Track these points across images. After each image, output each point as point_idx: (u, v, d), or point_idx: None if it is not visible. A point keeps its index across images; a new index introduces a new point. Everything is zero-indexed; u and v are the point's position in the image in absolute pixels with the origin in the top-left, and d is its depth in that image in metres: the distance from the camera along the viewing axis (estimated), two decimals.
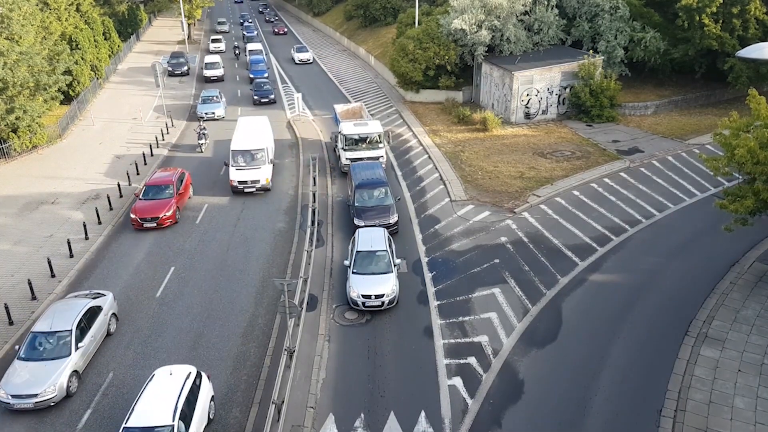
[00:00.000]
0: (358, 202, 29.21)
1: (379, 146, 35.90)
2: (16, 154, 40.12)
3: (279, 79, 62.05)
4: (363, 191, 29.53)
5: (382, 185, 30.05)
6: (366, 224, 27.52)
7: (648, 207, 30.70)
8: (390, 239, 26.06)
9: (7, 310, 23.07)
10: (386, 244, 24.96)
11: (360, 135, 35.82)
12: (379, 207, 28.79)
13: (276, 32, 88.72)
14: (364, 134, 35.87)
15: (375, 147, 35.79)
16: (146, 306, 24.14)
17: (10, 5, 38.50)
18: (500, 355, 20.73)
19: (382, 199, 29.31)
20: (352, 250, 25.20)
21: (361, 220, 28.22)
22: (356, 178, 30.54)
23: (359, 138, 35.77)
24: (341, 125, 37.06)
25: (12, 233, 30.17)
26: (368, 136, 35.88)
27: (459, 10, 46.49)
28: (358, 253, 24.51)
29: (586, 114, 43.53)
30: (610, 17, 45.90)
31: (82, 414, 18.75)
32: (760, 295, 23.17)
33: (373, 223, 27.72)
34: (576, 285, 24.52)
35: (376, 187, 29.78)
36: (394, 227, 28.37)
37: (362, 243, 25.05)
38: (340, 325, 22.73)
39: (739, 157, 22.87)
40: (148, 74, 57.01)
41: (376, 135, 35.99)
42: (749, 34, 42.48)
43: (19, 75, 37.46)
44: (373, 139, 35.88)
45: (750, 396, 18.40)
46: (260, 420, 17.92)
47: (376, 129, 36.31)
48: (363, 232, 25.92)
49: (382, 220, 28.05)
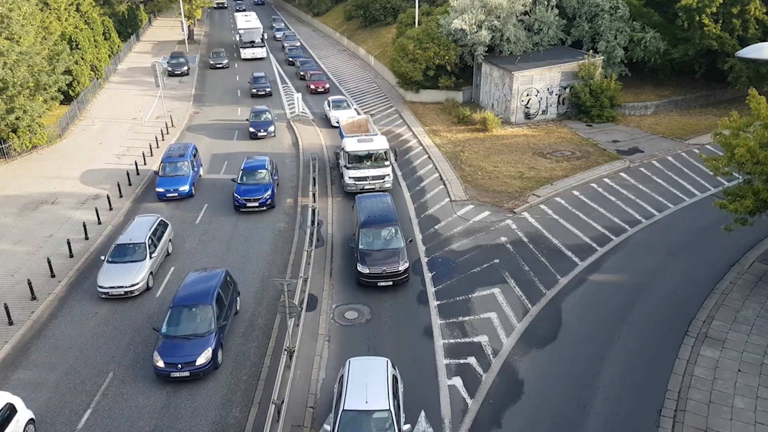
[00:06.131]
0: (363, 243, 25.44)
1: (385, 164, 33.35)
2: (16, 154, 40.12)
3: (279, 79, 62.02)
4: (369, 231, 25.86)
5: (392, 224, 26.37)
6: (371, 271, 24.34)
7: (648, 207, 30.70)
8: (396, 377, 17.83)
9: (6, 310, 23.07)
10: (388, 392, 16.58)
11: (364, 152, 33.35)
12: (387, 251, 25.07)
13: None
14: (368, 151, 33.36)
15: (380, 165, 33.26)
16: (146, 306, 24.16)
17: (10, 5, 38.48)
18: (500, 355, 20.73)
19: (390, 240, 25.58)
20: (339, 400, 16.74)
21: (365, 265, 24.60)
22: (362, 214, 27.02)
23: (363, 155, 33.37)
24: (344, 141, 34.61)
25: (12, 233, 30.18)
26: (373, 153, 33.45)
27: (459, 10, 46.49)
28: (344, 414, 16.12)
29: (586, 114, 43.52)
30: (610, 17, 45.90)
31: (82, 414, 18.77)
32: (760, 295, 23.17)
33: (380, 270, 24.29)
34: (576, 285, 24.52)
35: (385, 226, 26.10)
36: (403, 276, 24.69)
37: (353, 391, 16.60)
38: (340, 325, 22.73)
39: (738, 156, 22.87)
40: (148, 74, 57.01)
41: (381, 152, 33.53)
42: (749, 34, 42.47)
43: (19, 75, 37.47)
44: (378, 156, 33.45)
45: (750, 396, 18.41)
46: (260, 420, 17.92)
47: (381, 145, 33.77)
48: (355, 367, 17.64)
49: (390, 267, 24.47)
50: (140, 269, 24.83)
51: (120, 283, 24.29)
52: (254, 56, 69.33)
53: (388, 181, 33.42)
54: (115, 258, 25.26)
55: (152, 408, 18.97)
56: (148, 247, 25.65)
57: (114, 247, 25.80)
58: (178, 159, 34.81)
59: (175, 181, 33.61)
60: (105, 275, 24.66)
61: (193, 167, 35.12)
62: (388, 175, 33.40)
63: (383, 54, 62.11)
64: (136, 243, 25.67)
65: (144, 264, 25.09)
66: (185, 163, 34.56)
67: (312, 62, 65.12)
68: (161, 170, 34.37)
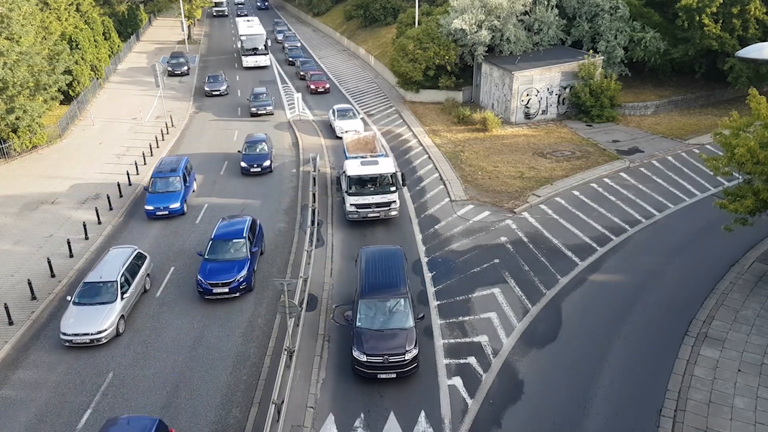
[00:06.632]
0: (362, 320, 20.17)
1: (391, 190, 29.36)
2: (16, 154, 40.13)
3: (279, 79, 62.01)
4: (371, 302, 20.59)
5: (400, 294, 20.81)
6: (368, 359, 19.09)
7: (648, 207, 30.70)
8: None
9: (7, 310, 23.08)
10: None
11: (368, 176, 29.65)
12: (391, 332, 19.71)
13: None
14: (372, 175, 29.63)
15: (386, 190, 29.33)
16: (146, 306, 24.16)
17: (10, 5, 38.49)
18: (500, 355, 20.73)
19: (397, 316, 20.23)
20: None
21: (362, 352, 19.19)
22: (365, 277, 21.67)
23: (367, 179, 29.64)
24: (346, 164, 30.96)
25: (12, 233, 30.18)
26: (377, 177, 29.69)
27: (459, 10, 46.50)
28: None
29: (586, 114, 43.52)
30: (610, 17, 45.91)
31: (82, 414, 18.78)
32: (760, 295, 23.17)
33: (381, 357, 19.00)
34: (576, 285, 24.53)
35: (390, 297, 20.72)
36: (410, 366, 19.37)
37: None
38: (340, 325, 22.72)
39: (739, 156, 22.88)
40: (148, 74, 56.97)
41: (387, 176, 29.67)
42: (749, 34, 42.48)
43: (19, 75, 37.49)
44: (383, 181, 29.62)
45: (750, 396, 18.41)
46: (260, 420, 17.93)
47: (387, 169, 29.94)
48: None
49: (394, 352, 19.07)
50: (109, 313, 22.01)
51: (85, 330, 21.44)
52: (257, 65, 65.58)
53: (395, 209, 29.78)
54: (83, 299, 22.45)
55: (152, 407, 18.97)
56: (121, 286, 22.93)
57: (81, 286, 23.00)
58: (169, 174, 32.31)
59: (166, 198, 31.21)
60: (69, 320, 21.79)
61: (186, 182, 32.70)
62: (395, 202, 29.63)
63: (383, 54, 62.11)
64: (106, 281, 22.91)
65: (113, 307, 22.23)
66: (177, 178, 32.12)
67: (312, 62, 65.08)
68: (151, 186, 31.94)
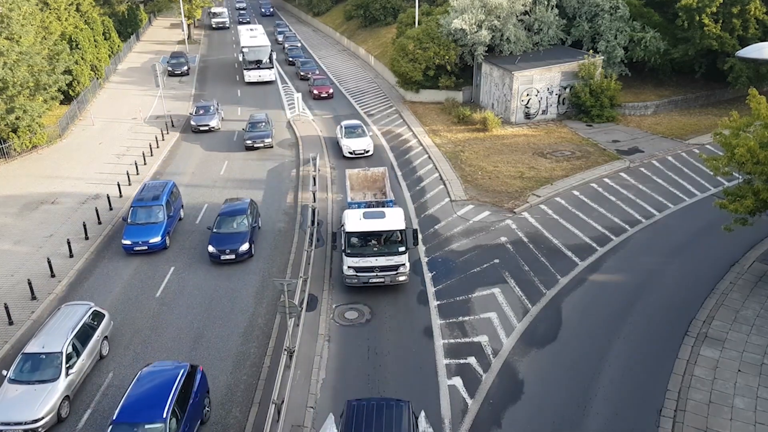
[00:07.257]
0: None
1: (400, 250, 23.53)
2: (16, 154, 40.13)
3: (279, 79, 61.99)
4: None
5: None
6: None
7: (648, 207, 30.69)
8: None
9: (7, 310, 23.09)
10: None
11: (371, 232, 23.84)
12: None
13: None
14: (376, 231, 23.81)
15: (393, 251, 23.54)
16: (146, 306, 24.16)
17: (10, 5, 38.51)
18: (500, 355, 20.73)
19: None
20: None
21: None
22: None
23: (369, 236, 23.88)
24: (345, 215, 24.79)
25: (12, 233, 30.18)
26: (383, 234, 23.87)
27: (459, 10, 46.50)
28: None
29: (586, 114, 43.51)
30: (610, 17, 45.90)
31: (82, 414, 18.77)
32: (760, 295, 23.17)
33: None
34: (576, 285, 24.52)
35: None
36: None
37: None
38: (340, 325, 22.72)
39: (739, 156, 22.87)
40: (147, 74, 56.95)
41: (396, 233, 23.77)
42: (749, 34, 42.47)
43: (19, 75, 37.50)
44: (390, 239, 23.88)
45: (750, 396, 18.40)
46: (260, 420, 17.92)
47: (395, 224, 23.92)
48: None
49: None
50: (49, 395, 18.19)
51: (17, 418, 17.63)
52: (260, 79, 58.96)
53: (404, 273, 23.86)
54: (20, 376, 18.70)
55: None
56: (68, 358, 19.17)
57: (19, 359, 19.16)
58: (151, 202, 28.80)
59: (146, 231, 27.69)
60: None
61: (170, 213, 29.11)
62: (404, 265, 23.72)
63: (383, 54, 62.11)
64: (49, 353, 19.07)
65: (55, 387, 18.44)
66: (159, 207, 28.57)
67: (312, 62, 64.94)
68: (130, 216, 28.51)
